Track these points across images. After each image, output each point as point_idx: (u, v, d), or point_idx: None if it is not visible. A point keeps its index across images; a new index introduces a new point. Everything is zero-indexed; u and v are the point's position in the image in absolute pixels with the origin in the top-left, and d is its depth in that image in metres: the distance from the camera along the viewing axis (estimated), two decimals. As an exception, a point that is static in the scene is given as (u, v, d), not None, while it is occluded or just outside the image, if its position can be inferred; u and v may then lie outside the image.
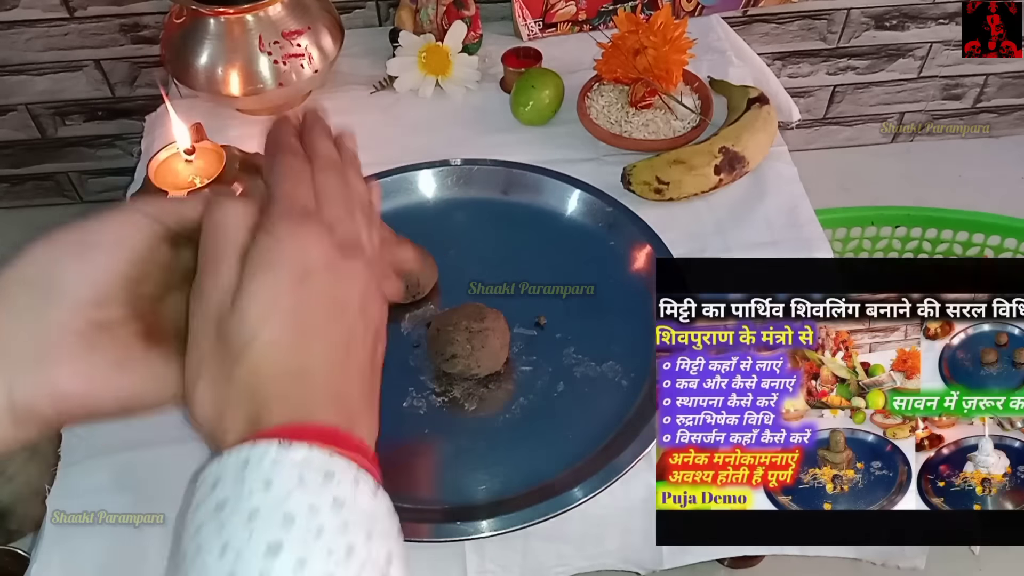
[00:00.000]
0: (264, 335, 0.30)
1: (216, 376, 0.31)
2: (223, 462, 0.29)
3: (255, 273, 0.31)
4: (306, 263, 0.31)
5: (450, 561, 0.66)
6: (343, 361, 0.32)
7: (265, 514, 0.27)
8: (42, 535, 0.65)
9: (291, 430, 0.29)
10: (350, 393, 0.32)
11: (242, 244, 0.32)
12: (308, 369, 0.31)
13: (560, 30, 1.12)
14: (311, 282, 0.31)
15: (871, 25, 1.34)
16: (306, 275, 0.31)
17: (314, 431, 0.30)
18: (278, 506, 0.27)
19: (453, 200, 0.88)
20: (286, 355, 0.30)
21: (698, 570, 0.77)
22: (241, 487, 0.28)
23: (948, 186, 1.44)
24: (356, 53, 1.08)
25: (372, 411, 0.34)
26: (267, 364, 0.30)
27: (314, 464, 0.28)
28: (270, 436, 0.29)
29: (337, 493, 0.28)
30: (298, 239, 0.32)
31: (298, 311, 0.31)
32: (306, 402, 0.31)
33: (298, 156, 0.36)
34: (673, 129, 0.94)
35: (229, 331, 0.30)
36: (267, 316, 0.30)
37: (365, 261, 0.34)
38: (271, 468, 0.28)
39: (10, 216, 1.45)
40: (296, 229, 0.32)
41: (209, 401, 0.31)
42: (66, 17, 1.19)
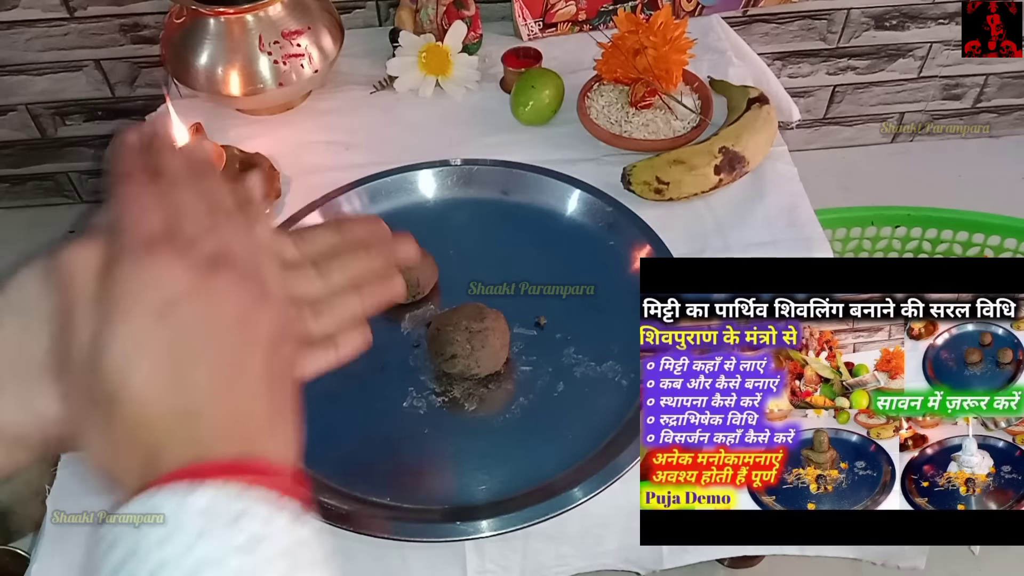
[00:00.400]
0: (134, 379, 0.28)
1: (100, 425, 0.29)
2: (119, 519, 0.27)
3: (111, 315, 0.29)
4: (164, 293, 0.29)
5: (450, 561, 0.66)
6: (232, 383, 0.30)
7: (172, 566, 0.26)
8: (42, 535, 0.65)
9: (191, 471, 0.28)
10: (249, 414, 0.30)
11: (94, 288, 0.30)
12: (193, 404, 0.29)
13: (560, 30, 1.12)
14: (174, 312, 0.29)
15: (871, 25, 1.34)
16: (167, 306, 0.29)
17: (216, 467, 0.28)
18: (186, 555, 0.26)
19: (453, 200, 0.88)
20: (163, 396, 0.29)
21: (698, 570, 0.77)
22: (140, 543, 0.26)
23: (948, 186, 1.44)
24: (356, 53, 1.08)
25: (283, 425, 0.32)
26: (145, 408, 0.28)
27: (222, 503, 0.27)
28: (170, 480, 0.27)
29: (251, 531, 0.27)
30: (150, 269, 0.30)
31: (166, 347, 0.29)
32: (199, 438, 0.29)
33: (142, 179, 0.33)
34: (673, 129, 0.94)
35: (100, 382, 0.28)
36: (133, 358, 0.28)
37: (239, 270, 0.31)
38: (174, 516, 0.26)
39: (10, 216, 1.45)
40: (144, 260, 0.30)
41: (101, 454, 0.29)
42: (66, 17, 1.19)
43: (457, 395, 0.72)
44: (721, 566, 1.06)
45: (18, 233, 1.41)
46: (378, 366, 0.74)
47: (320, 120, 1.01)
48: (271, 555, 0.27)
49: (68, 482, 0.68)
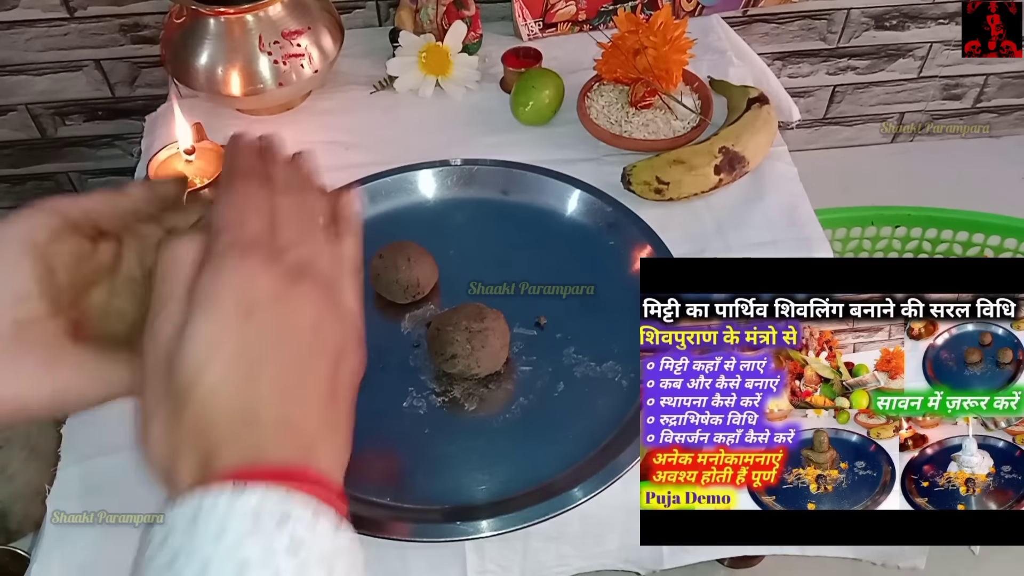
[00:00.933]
0: (209, 376, 0.30)
1: (167, 417, 0.30)
2: (173, 513, 0.28)
3: (198, 311, 0.30)
4: (251, 296, 0.31)
5: (450, 561, 0.66)
6: (295, 392, 0.31)
7: (218, 563, 0.27)
8: (42, 535, 0.65)
9: (244, 472, 0.29)
10: (306, 424, 0.31)
11: (190, 280, 0.31)
12: (257, 407, 0.30)
13: (560, 30, 1.12)
14: (256, 315, 0.31)
15: (871, 25, 1.34)
16: (251, 309, 0.30)
17: (268, 471, 0.29)
18: (231, 554, 0.27)
19: (453, 200, 0.88)
20: (233, 395, 0.30)
21: (698, 570, 0.77)
22: (192, 538, 0.27)
23: (948, 186, 1.44)
24: (356, 53, 1.08)
25: (335, 437, 0.33)
26: (214, 406, 0.30)
27: (268, 507, 0.28)
28: (222, 479, 0.28)
29: (294, 534, 0.28)
30: (241, 272, 0.31)
31: (243, 347, 0.30)
32: (258, 442, 0.30)
33: (252, 181, 0.35)
34: (673, 129, 0.94)
35: (176, 371, 0.30)
36: (211, 356, 0.30)
37: (319, 283, 0.33)
38: (223, 516, 0.27)
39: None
40: (240, 261, 0.31)
41: (162, 442, 0.30)
42: (66, 17, 1.19)
43: (457, 395, 0.72)
44: (721, 566, 1.06)
45: (18, 233, 1.41)
46: (378, 366, 0.74)
47: (320, 120, 1.01)
48: (313, 558, 0.28)
49: (68, 482, 0.68)
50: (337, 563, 0.29)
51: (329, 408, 0.33)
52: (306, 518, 0.28)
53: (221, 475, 0.29)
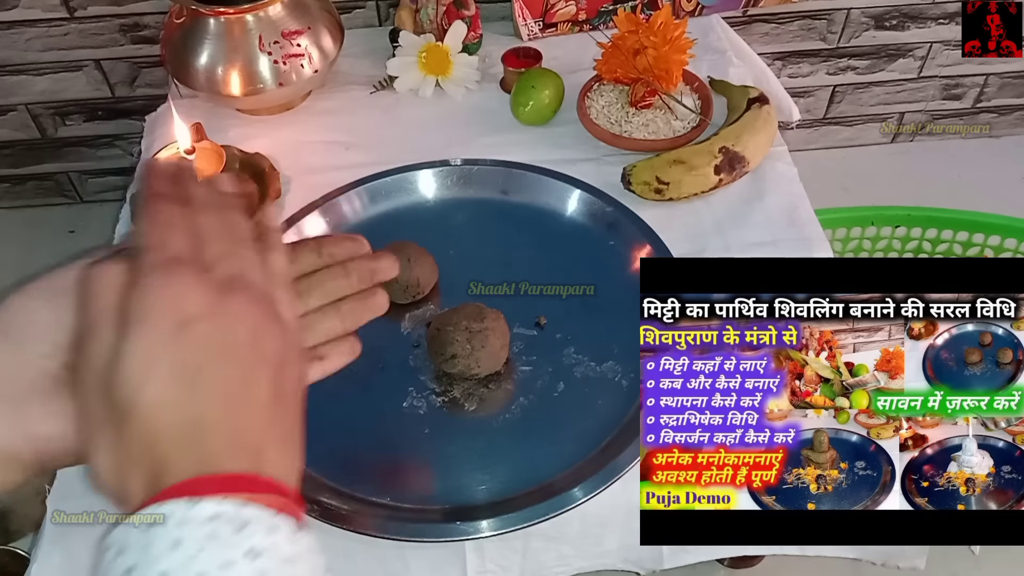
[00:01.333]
0: (149, 391, 0.29)
1: (111, 441, 0.30)
2: (127, 527, 0.28)
3: (131, 329, 0.30)
4: (183, 310, 0.31)
5: (450, 561, 0.66)
6: (238, 401, 0.31)
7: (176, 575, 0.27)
8: (42, 535, 0.65)
9: (196, 484, 0.29)
10: (254, 432, 0.31)
11: (118, 302, 0.31)
12: (202, 418, 0.30)
13: (560, 30, 1.12)
14: (191, 328, 0.31)
15: (871, 25, 1.34)
16: (185, 322, 0.30)
17: (221, 481, 0.29)
18: (188, 565, 0.27)
19: (453, 200, 0.88)
20: (175, 408, 0.30)
21: (698, 570, 0.77)
22: (148, 551, 0.27)
23: (948, 186, 1.44)
24: (356, 53, 1.08)
25: (285, 444, 0.33)
26: (157, 421, 0.29)
27: (225, 516, 0.28)
28: (175, 493, 0.28)
29: (253, 543, 0.28)
30: (172, 287, 0.31)
31: (181, 361, 0.30)
32: (207, 452, 0.30)
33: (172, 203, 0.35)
34: (673, 129, 0.94)
35: (115, 391, 0.30)
36: (149, 371, 0.30)
37: (253, 294, 0.33)
38: (178, 528, 0.27)
39: (10, 216, 1.45)
40: (168, 278, 0.31)
41: (109, 467, 0.30)
42: (66, 17, 1.19)
43: (457, 395, 0.72)
44: (721, 566, 1.06)
45: (18, 233, 1.41)
46: (378, 366, 0.74)
47: (320, 120, 1.01)
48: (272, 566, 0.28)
49: (68, 482, 0.68)
50: (297, 569, 0.29)
51: (275, 415, 0.32)
52: (263, 525, 0.28)
53: (172, 489, 0.28)
